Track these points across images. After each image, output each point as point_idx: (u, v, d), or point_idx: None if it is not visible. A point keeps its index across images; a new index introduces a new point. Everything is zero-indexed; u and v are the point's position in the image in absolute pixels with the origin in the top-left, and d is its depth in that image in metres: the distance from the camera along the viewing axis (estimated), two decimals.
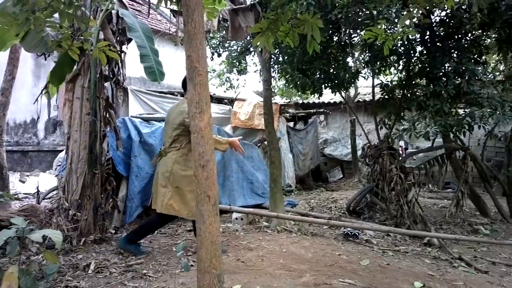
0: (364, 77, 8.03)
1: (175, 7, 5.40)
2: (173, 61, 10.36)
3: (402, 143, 11.93)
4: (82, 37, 4.08)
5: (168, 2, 3.51)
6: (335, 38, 6.21)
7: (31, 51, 4.20)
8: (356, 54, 7.39)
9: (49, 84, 4.59)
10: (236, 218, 5.33)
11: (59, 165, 7.34)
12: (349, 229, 4.86)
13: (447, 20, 5.74)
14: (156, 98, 7.86)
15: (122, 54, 4.81)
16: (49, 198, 5.69)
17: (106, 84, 4.66)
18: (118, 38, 4.75)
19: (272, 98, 9.26)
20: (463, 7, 5.40)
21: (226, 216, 5.59)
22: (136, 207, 5.06)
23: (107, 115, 4.52)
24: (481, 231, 5.46)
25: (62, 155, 7.06)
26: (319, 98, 8.89)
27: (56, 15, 3.03)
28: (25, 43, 3.99)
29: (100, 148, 4.29)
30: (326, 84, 6.68)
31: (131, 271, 3.37)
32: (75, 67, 4.34)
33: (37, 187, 5.66)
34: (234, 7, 5.90)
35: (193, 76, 2.14)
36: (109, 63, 4.57)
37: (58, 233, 2.56)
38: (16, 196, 5.40)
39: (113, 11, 4.58)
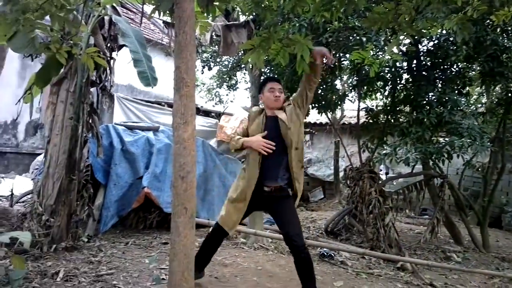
0: (351, 100, 8.14)
1: (168, 19, 5.43)
2: (163, 71, 10.36)
3: (382, 167, 12.05)
4: (71, 41, 4.05)
5: (162, 13, 3.53)
6: (325, 61, 6.30)
7: (18, 52, 4.14)
8: (345, 77, 7.52)
9: (33, 86, 4.52)
10: None
11: (36, 169, 7.18)
12: (325, 249, 4.86)
13: (434, 50, 5.88)
14: (143, 107, 7.81)
15: (112, 60, 4.79)
16: (23, 202, 5.55)
17: (92, 90, 4.61)
18: (108, 45, 4.73)
19: None
20: (450, 39, 5.57)
21: (204, 230, 5.52)
22: (111, 216, 4.95)
23: (90, 121, 4.45)
24: (454, 258, 5.52)
25: (40, 158, 6.92)
26: (305, 118, 8.99)
27: (48, 17, 3.01)
28: (12, 43, 3.91)
29: (80, 154, 4.21)
30: (313, 104, 6.75)
31: (101, 281, 3.29)
32: (61, 70, 4.29)
33: (11, 190, 5.52)
34: (228, 23, 5.97)
35: (180, 87, 2.16)
36: (97, 69, 4.52)
37: (27, 233, 2.50)
38: None
39: (106, 17, 4.57)
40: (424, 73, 5.84)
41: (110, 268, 3.64)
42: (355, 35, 5.30)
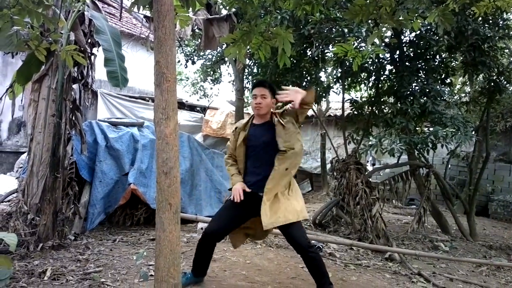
0: (336, 92, 8.19)
1: (148, 12, 5.38)
2: (146, 66, 10.26)
3: (370, 158, 12.14)
4: (51, 38, 3.99)
5: (141, 7, 3.49)
6: (308, 53, 6.31)
7: (1, 49, 4.07)
8: (329, 69, 7.54)
9: (14, 83, 4.44)
10: (202, 228, 5.26)
11: (20, 167, 7.09)
12: (313, 241, 4.89)
13: (416, 41, 5.93)
14: (127, 103, 7.74)
15: (93, 56, 4.72)
16: (8, 201, 5.47)
17: (75, 86, 4.55)
18: (89, 40, 4.66)
19: (245, 108, 9.32)
20: (432, 30, 5.61)
21: (192, 226, 5.52)
22: (98, 213, 4.91)
23: (73, 118, 4.40)
24: (441, 247, 5.59)
25: (24, 156, 6.82)
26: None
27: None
28: None
29: (63, 152, 4.16)
30: None
31: (89, 279, 3.27)
32: (42, 67, 4.23)
33: None
34: (209, 16, 5.93)
35: (161, 82, 2.14)
36: (78, 65, 4.47)
37: (13, 235, 2.47)
38: None
39: (86, 13, 4.51)
40: (407, 63, 5.89)
41: (98, 266, 3.61)
42: (337, 26, 5.31)
